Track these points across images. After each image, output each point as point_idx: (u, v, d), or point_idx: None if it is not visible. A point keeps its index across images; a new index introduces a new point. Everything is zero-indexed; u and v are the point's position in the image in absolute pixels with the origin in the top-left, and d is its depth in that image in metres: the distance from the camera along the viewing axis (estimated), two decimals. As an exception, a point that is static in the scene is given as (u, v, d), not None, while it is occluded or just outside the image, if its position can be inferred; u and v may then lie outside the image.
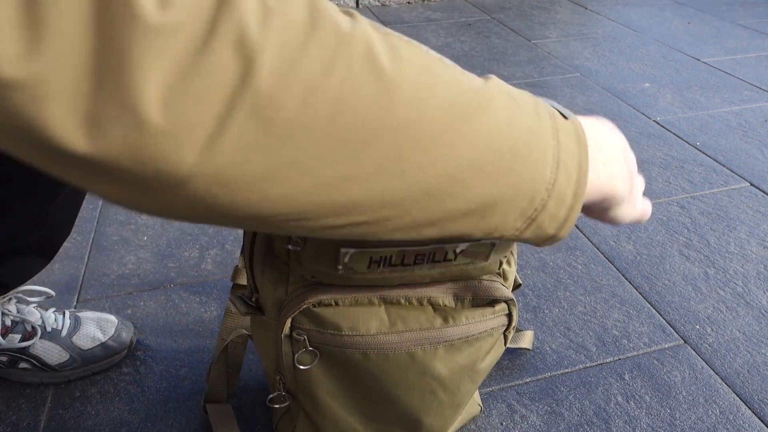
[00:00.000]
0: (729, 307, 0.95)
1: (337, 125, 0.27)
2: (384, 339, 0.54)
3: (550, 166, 0.34)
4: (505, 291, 0.57)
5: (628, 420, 0.77)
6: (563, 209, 0.36)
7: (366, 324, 0.54)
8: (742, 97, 1.67)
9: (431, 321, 0.55)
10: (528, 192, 0.34)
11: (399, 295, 0.55)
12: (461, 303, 0.56)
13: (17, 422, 0.77)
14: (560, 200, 0.35)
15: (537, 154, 0.33)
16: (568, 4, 2.53)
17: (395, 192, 0.30)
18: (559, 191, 0.35)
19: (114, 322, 0.85)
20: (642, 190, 0.47)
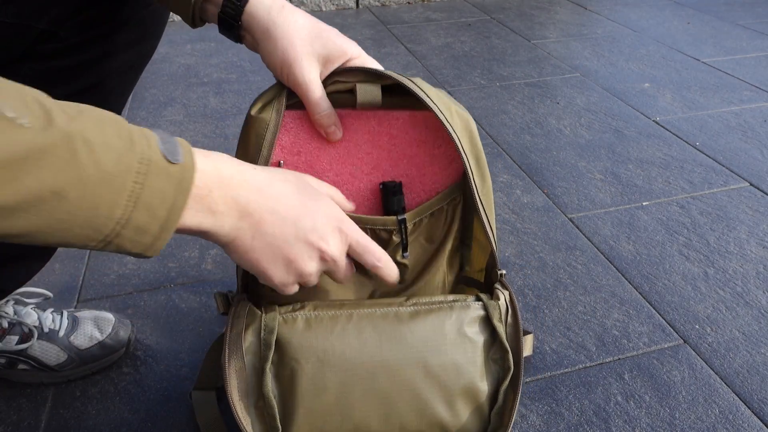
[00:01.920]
0: (728, 307, 0.95)
1: None
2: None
3: (122, 207, 0.40)
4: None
5: (628, 420, 0.77)
6: (147, 237, 0.42)
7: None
8: (742, 98, 1.67)
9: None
10: (87, 224, 0.40)
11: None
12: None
13: (18, 422, 0.77)
14: (141, 231, 0.42)
15: (97, 199, 0.39)
16: (568, 4, 2.53)
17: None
18: (136, 225, 0.41)
19: (111, 321, 0.85)
20: (312, 268, 0.53)
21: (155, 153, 0.42)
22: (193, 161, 0.45)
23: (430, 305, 0.61)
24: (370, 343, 0.59)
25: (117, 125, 0.42)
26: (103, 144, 0.40)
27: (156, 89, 1.72)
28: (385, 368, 0.59)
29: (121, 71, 0.69)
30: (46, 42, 0.62)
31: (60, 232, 0.40)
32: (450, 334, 0.60)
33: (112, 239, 0.42)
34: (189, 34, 2.19)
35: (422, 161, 0.65)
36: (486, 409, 0.62)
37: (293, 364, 0.58)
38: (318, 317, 0.59)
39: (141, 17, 0.67)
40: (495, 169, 1.34)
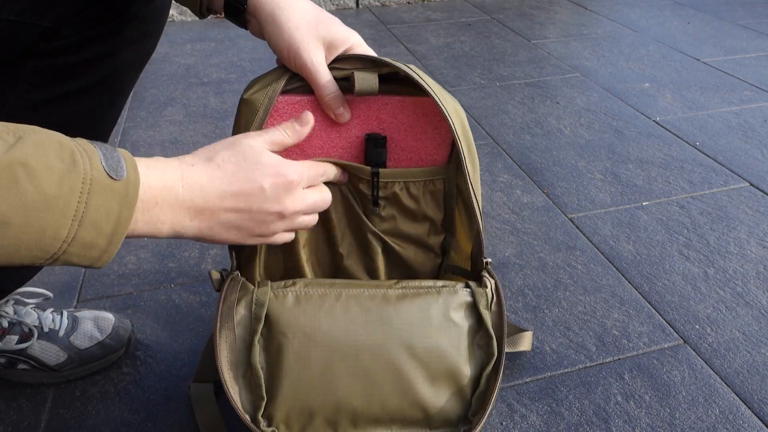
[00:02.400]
0: (728, 307, 0.95)
1: None
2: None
3: (67, 226, 0.42)
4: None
5: (628, 420, 0.77)
6: (94, 251, 0.44)
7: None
8: (742, 97, 1.67)
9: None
10: (34, 245, 0.41)
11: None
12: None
13: (18, 422, 0.77)
14: (88, 246, 0.44)
15: (42, 221, 0.41)
16: (568, 4, 2.53)
17: None
18: (83, 242, 0.43)
19: (111, 320, 0.85)
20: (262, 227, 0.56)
21: (97, 171, 0.44)
22: (137, 175, 0.46)
23: (418, 289, 0.63)
24: (356, 323, 0.61)
25: (58, 147, 0.43)
26: (44, 168, 0.41)
27: (156, 89, 1.72)
28: (370, 348, 0.60)
29: (122, 69, 0.69)
30: (48, 40, 0.62)
31: (5, 255, 0.41)
32: (436, 318, 0.62)
33: (59, 256, 0.43)
34: (189, 34, 2.19)
35: (410, 145, 0.67)
36: (468, 392, 0.63)
37: (281, 338, 0.60)
38: (308, 294, 0.61)
39: (142, 15, 0.67)
40: (495, 169, 1.34)
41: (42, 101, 0.64)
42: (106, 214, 0.44)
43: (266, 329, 0.60)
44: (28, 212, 0.40)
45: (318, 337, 0.60)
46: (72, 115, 0.67)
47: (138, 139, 1.46)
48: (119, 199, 0.45)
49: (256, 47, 2.04)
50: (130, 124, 1.53)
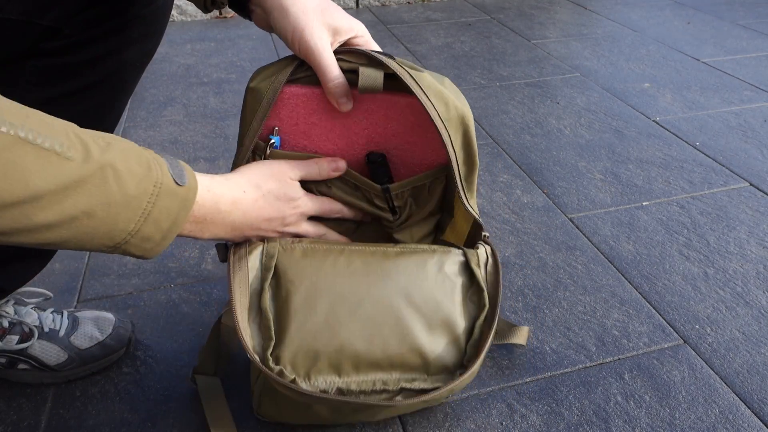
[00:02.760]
0: (728, 307, 0.95)
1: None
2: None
3: (135, 221, 0.49)
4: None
5: (628, 420, 0.77)
6: (150, 244, 0.51)
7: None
8: (742, 97, 1.67)
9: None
10: (106, 236, 0.48)
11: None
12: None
13: (18, 422, 0.77)
14: (146, 239, 0.50)
15: (119, 216, 0.47)
16: (568, 4, 2.53)
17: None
18: (143, 235, 0.50)
19: (111, 321, 0.85)
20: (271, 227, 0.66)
21: (166, 177, 0.51)
22: (196, 181, 0.54)
23: (415, 249, 0.68)
24: (358, 273, 0.65)
25: (137, 154, 0.49)
26: (127, 171, 0.48)
27: (156, 89, 1.72)
28: (371, 295, 0.64)
29: (124, 69, 0.69)
30: (50, 39, 0.62)
31: (82, 242, 0.47)
32: (431, 272, 0.67)
33: (121, 246, 0.50)
34: (189, 34, 2.19)
35: (415, 140, 0.69)
36: (462, 341, 0.67)
37: (288, 285, 0.64)
38: (313, 249, 0.66)
39: (143, 15, 0.67)
40: (495, 169, 1.34)
41: (43, 101, 0.64)
42: (167, 213, 0.51)
43: (275, 278, 0.64)
44: (111, 208, 0.47)
45: (323, 286, 0.64)
46: (73, 115, 0.67)
47: (138, 139, 1.46)
48: (179, 202, 0.52)
49: (256, 47, 2.04)
50: (130, 124, 1.53)
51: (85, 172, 0.45)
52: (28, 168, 0.41)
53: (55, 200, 0.43)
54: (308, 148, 0.69)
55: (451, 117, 0.63)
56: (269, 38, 2.13)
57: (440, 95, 0.63)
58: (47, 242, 0.45)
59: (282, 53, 1.96)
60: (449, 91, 0.65)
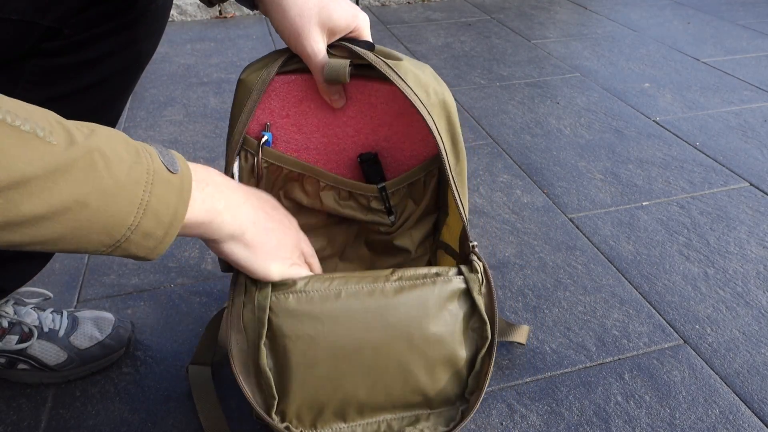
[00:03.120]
0: (729, 307, 0.95)
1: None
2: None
3: (133, 213, 0.45)
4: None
5: (628, 420, 0.77)
6: (151, 241, 0.47)
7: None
8: (742, 97, 1.67)
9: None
10: (103, 230, 0.44)
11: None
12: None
13: (18, 422, 0.77)
14: (146, 236, 0.47)
15: (114, 206, 0.44)
16: (568, 4, 2.53)
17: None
18: (144, 230, 0.46)
19: (111, 321, 0.85)
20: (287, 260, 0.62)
21: (158, 164, 0.47)
22: (188, 169, 0.50)
23: (414, 280, 0.65)
24: (357, 323, 0.63)
25: (124, 141, 0.46)
26: (116, 157, 0.44)
27: (156, 89, 1.72)
28: (371, 345, 0.63)
29: (123, 69, 0.69)
30: (50, 39, 0.62)
31: (78, 238, 0.44)
32: (432, 309, 0.64)
33: (121, 244, 0.46)
34: (189, 34, 2.19)
35: (402, 130, 0.70)
36: (464, 373, 0.66)
37: (285, 341, 0.62)
38: (308, 296, 0.63)
39: (143, 15, 0.67)
40: (495, 169, 1.34)
41: (43, 101, 0.64)
42: (166, 205, 0.47)
43: (270, 334, 0.62)
44: (104, 196, 0.43)
45: (321, 339, 0.62)
46: (73, 115, 0.67)
47: (138, 139, 1.46)
48: (176, 191, 0.48)
49: (256, 47, 2.04)
50: (130, 124, 1.53)
51: (71, 156, 0.41)
52: (8, 151, 0.38)
53: (44, 187, 0.40)
54: (299, 143, 0.70)
55: (432, 103, 0.64)
56: (269, 38, 2.13)
57: (419, 81, 0.63)
58: (41, 240, 0.42)
59: (282, 53, 1.96)
60: (428, 77, 0.65)
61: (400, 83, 0.62)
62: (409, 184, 0.72)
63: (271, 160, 0.69)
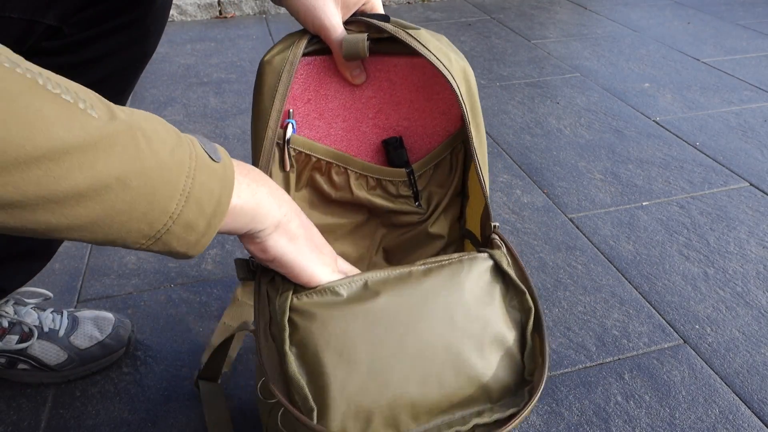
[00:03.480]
0: (728, 307, 0.95)
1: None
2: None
3: (176, 200, 0.41)
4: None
5: (628, 419, 0.77)
6: (193, 234, 0.43)
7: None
8: (742, 97, 1.67)
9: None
10: (143, 218, 0.40)
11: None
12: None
13: (18, 422, 0.77)
14: (188, 228, 0.43)
15: (155, 190, 0.40)
16: (568, 4, 2.53)
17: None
18: (185, 221, 0.42)
19: (111, 320, 0.85)
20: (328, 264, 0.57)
21: (200, 150, 0.44)
22: (230, 160, 0.47)
23: (441, 262, 0.60)
24: (390, 305, 0.56)
25: (163, 124, 0.43)
26: (157, 137, 0.41)
27: (156, 89, 1.72)
28: (412, 328, 0.56)
29: (123, 69, 0.69)
30: (50, 38, 0.62)
31: (118, 224, 0.40)
32: (467, 285, 0.59)
33: (162, 235, 0.42)
34: (189, 34, 2.19)
35: (422, 106, 0.68)
36: (517, 354, 0.59)
37: (317, 340, 0.55)
38: (334, 292, 0.57)
39: (143, 15, 0.67)
40: (495, 169, 1.34)
41: None
42: (209, 194, 0.44)
43: (299, 335, 0.55)
44: (146, 177, 0.40)
45: (356, 336, 0.55)
46: None
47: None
48: (219, 180, 0.45)
49: (256, 47, 2.04)
50: (130, 124, 1.53)
51: (113, 130, 0.38)
52: (49, 116, 0.35)
53: (84, 160, 0.37)
54: (323, 129, 0.67)
55: (455, 69, 0.62)
56: (269, 38, 2.13)
57: (440, 50, 0.62)
58: (77, 222, 0.39)
59: (282, 53, 1.96)
60: (446, 46, 0.64)
61: (422, 50, 0.59)
62: (434, 164, 0.69)
63: (300, 148, 0.65)
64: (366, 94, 0.67)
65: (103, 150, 0.38)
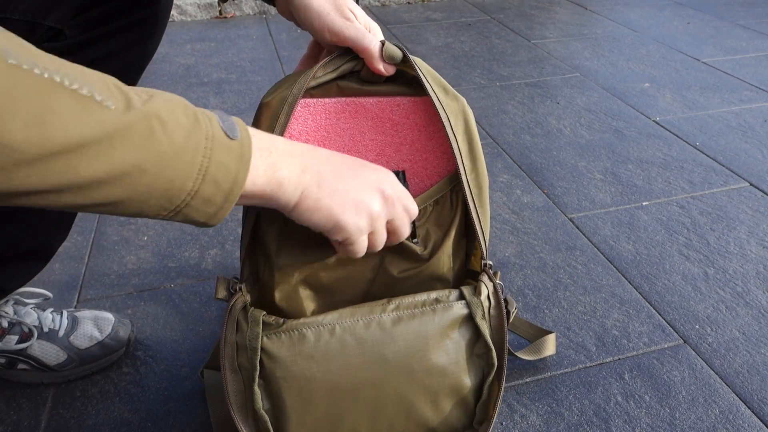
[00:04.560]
0: (729, 307, 0.95)
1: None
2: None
3: (193, 179, 0.44)
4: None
5: (628, 420, 0.77)
6: (212, 207, 0.47)
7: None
8: (742, 98, 1.67)
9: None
10: (163, 195, 0.44)
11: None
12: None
13: (18, 422, 0.77)
14: (206, 202, 0.46)
15: (172, 172, 0.43)
16: (568, 4, 2.53)
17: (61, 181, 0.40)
18: (203, 196, 0.46)
19: (111, 320, 0.85)
20: (374, 225, 0.57)
21: (217, 130, 0.47)
22: (249, 135, 0.49)
23: (413, 309, 0.62)
24: (353, 360, 0.60)
25: (183, 106, 0.46)
26: (174, 122, 0.44)
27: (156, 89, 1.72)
28: (370, 383, 0.60)
29: (124, 70, 0.69)
30: (51, 40, 0.62)
31: (139, 202, 0.43)
32: (433, 339, 0.61)
33: (181, 209, 0.46)
34: (189, 34, 2.19)
35: (424, 146, 0.67)
36: (471, 402, 0.64)
37: (280, 383, 0.60)
38: (301, 334, 0.60)
39: (144, 16, 0.67)
40: (495, 169, 1.34)
41: None
42: (226, 172, 0.46)
43: (264, 374, 0.60)
44: (162, 162, 0.43)
45: (317, 380, 0.60)
46: None
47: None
48: (236, 158, 0.47)
49: (256, 47, 2.04)
50: (130, 124, 1.53)
51: (129, 120, 0.41)
52: (66, 114, 0.38)
53: (102, 151, 0.40)
54: None
55: (449, 104, 0.63)
56: (269, 38, 2.13)
57: (438, 83, 0.64)
58: (102, 202, 0.42)
59: (282, 53, 1.96)
60: (442, 81, 0.66)
61: (428, 89, 0.61)
62: (434, 201, 0.67)
63: None
64: (368, 137, 0.66)
65: (119, 140, 0.40)
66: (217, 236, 1.11)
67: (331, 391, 0.60)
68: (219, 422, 0.73)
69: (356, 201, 0.55)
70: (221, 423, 0.73)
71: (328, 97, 0.64)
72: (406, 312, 0.62)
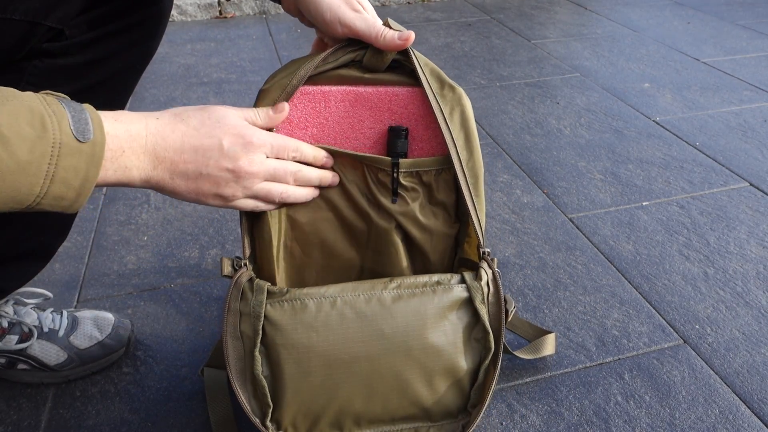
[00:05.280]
0: (728, 307, 0.95)
1: None
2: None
3: (40, 185, 0.47)
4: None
5: (628, 420, 0.77)
6: (65, 202, 0.49)
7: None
8: (742, 98, 1.67)
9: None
10: (12, 200, 0.46)
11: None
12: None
13: (18, 422, 0.77)
14: (58, 198, 0.49)
15: (17, 183, 0.46)
16: (568, 4, 2.53)
17: None
18: (54, 194, 0.48)
19: (111, 320, 0.85)
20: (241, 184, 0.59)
21: (66, 135, 0.48)
22: (103, 135, 0.51)
23: (413, 288, 0.63)
24: (352, 330, 0.62)
25: (29, 114, 0.46)
26: (17, 136, 0.45)
27: (156, 89, 1.72)
28: (367, 357, 0.62)
29: (124, 70, 0.69)
30: (52, 40, 0.62)
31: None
32: (431, 318, 0.63)
33: (34, 207, 0.49)
34: (189, 34, 2.19)
35: (421, 135, 0.68)
36: (466, 385, 0.65)
37: (280, 349, 0.61)
38: (304, 304, 0.62)
39: (144, 17, 0.67)
40: (495, 169, 1.34)
41: None
42: (75, 172, 0.49)
43: (265, 343, 0.62)
44: (4, 176, 0.45)
45: (315, 348, 0.61)
46: None
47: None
48: (86, 159, 0.49)
49: (256, 47, 2.04)
50: (130, 124, 1.53)
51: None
52: None
53: None
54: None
55: (445, 94, 0.64)
56: (269, 38, 2.13)
57: (435, 73, 0.65)
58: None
59: (282, 53, 1.96)
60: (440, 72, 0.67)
61: (423, 81, 0.63)
62: (418, 173, 0.67)
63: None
64: (366, 125, 0.67)
65: None
66: (217, 236, 1.11)
67: (329, 361, 0.61)
68: (219, 422, 0.73)
69: (209, 187, 0.58)
70: (221, 423, 0.73)
71: (328, 85, 0.65)
72: (406, 291, 0.63)
